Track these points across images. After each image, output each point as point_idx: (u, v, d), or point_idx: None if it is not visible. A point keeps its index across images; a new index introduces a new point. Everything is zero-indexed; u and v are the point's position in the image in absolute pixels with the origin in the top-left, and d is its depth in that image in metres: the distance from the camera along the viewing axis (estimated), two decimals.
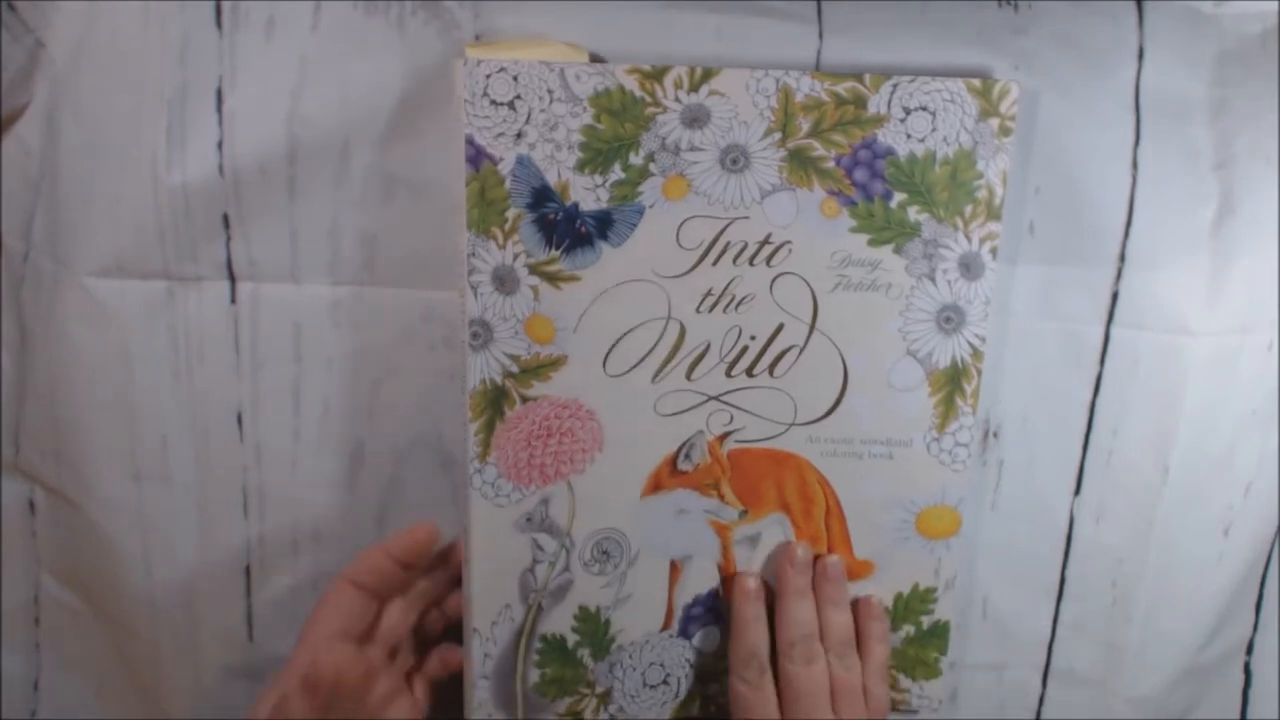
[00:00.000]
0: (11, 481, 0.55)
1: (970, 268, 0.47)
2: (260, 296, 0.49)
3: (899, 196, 0.46)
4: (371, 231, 0.49)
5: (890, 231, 0.47)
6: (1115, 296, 0.51)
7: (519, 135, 0.44)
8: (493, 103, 0.44)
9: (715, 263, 0.46)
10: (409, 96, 0.47)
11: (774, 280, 0.47)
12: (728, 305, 0.47)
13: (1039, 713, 0.57)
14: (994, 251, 0.47)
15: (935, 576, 0.51)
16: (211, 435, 0.51)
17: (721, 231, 0.46)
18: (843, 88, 0.45)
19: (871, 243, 0.47)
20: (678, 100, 0.45)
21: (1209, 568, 0.55)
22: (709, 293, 0.47)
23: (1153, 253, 0.50)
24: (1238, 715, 0.59)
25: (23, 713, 0.58)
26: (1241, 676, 0.59)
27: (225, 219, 0.48)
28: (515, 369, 0.47)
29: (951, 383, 0.48)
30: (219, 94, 0.47)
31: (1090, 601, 0.55)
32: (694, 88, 0.45)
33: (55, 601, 0.57)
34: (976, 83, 0.46)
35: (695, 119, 0.45)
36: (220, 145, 0.47)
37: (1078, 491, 0.54)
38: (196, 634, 0.53)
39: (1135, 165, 0.49)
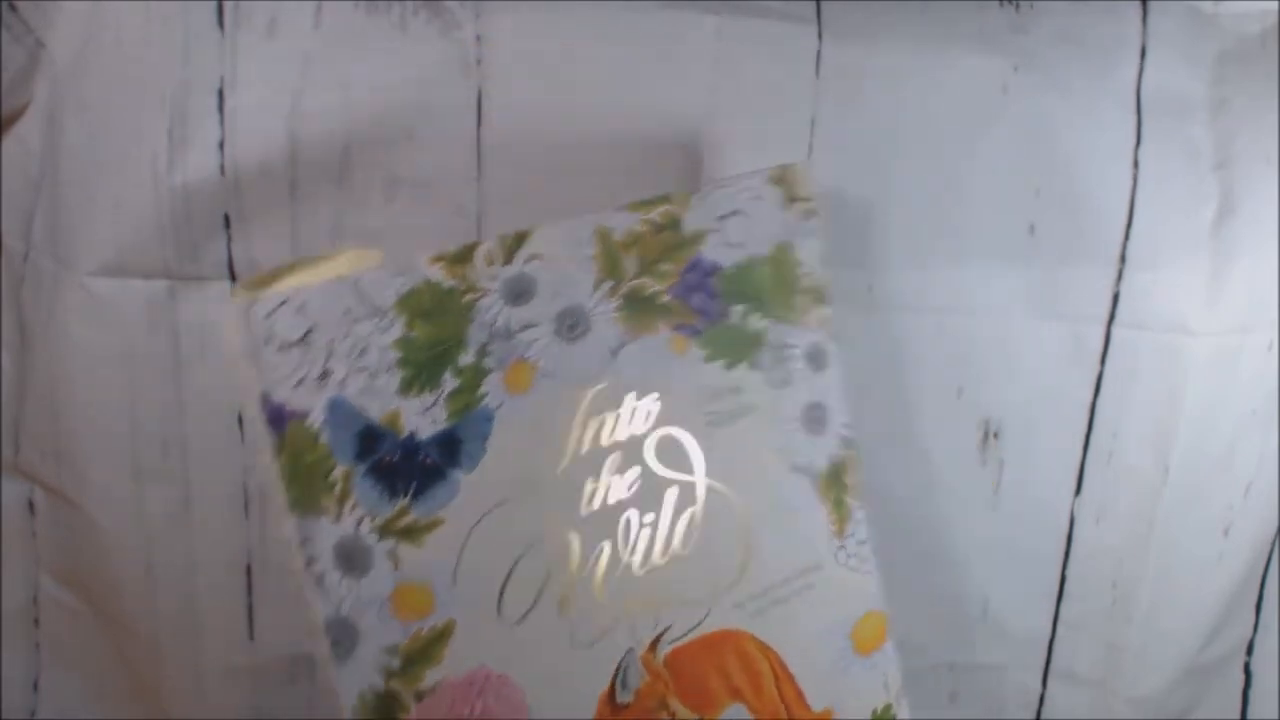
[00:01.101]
0: (11, 481, 0.55)
1: (815, 358, 0.44)
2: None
3: (737, 309, 0.42)
4: (373, 231, 0.49)
5: (740, 348, 0.43)
6: (1116, 297, 0.51)
7: (324, 375, 0.36)
8: (281, 346, 0.35)
9: (586, 450, 0.40)
10: (410, 96, 0.47)
11: (650, 443, 0.41)
12: (612, 493, 0.40)
13: (1039, 713, 0.57)
14: (830, 335, 0.44)
15: (885, 690, 0.46)
16: (211, 435, 0.51)
17: (583, 411, 0.40)
18: (656, 214, 0.41)
19: (727, 366, 0.42)
20: (494, 278, 0.38)
21: (1209, 568, 0.55)
22: (589, 487, 0.40)
23: (1153, 253, 0.50)
24: (1238, 715, 0.59)
25: (23, 713, 0.58)
26: (1241, 677, 0.59)
27: (226, 219, 0.48)
28: (397, 664, 0.37)
29: (836, 484, 0.44)
30: (220, 94, 0.47)
31: (1090, 601, 0.55)
32: (508, 259, 0.39)
33: (55, 601, 0.56)
34: (776, 171, 0.43)
35: (520, 293, 0.39)
36: (222, 145, 0.47)
37: (1078, 492, 0.54)
38: (196, 634, 0.53)
39: (1136, 165, 0.50)
